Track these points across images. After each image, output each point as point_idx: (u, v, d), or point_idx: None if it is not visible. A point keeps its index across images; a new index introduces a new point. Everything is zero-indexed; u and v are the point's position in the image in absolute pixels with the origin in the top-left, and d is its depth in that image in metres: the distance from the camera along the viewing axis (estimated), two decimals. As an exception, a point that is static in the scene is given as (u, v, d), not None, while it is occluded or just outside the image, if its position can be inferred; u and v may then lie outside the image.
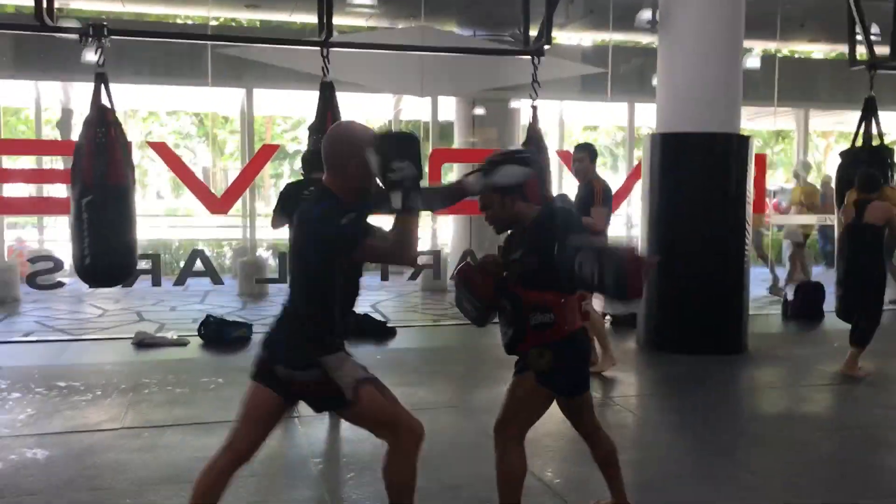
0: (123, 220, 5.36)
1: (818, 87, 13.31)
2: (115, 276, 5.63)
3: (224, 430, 4.64)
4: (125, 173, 5.34)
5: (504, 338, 3.07)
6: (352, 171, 2.68)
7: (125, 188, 5.36)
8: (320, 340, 2.79)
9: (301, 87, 10.47)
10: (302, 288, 2.80)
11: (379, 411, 2.91)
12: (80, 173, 5.26)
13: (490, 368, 6.34)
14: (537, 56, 6.23)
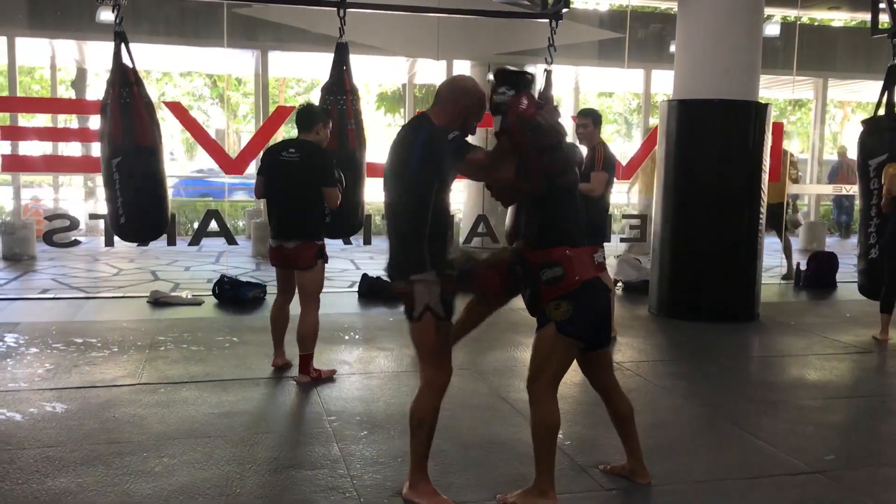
0: (153, 178, 5.47)
1: (837, 56, 13.12)
2: (149, 232, 5.83)
3: (239, 388, 4.76)
4: (152, 132, 5.39)
5: (525, 302, 3.24)
6: (458, 110, 3.13)
7: (154, 147, 5.44)
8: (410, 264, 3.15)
9: (316, 48, 10.43)
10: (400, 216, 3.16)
11: (425, 342, 3.21)
12: (108, 135, 5.32)
13: (501, 332, 6.38)
14: (555, 20, 6.17)
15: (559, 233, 3.15)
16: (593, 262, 3.17)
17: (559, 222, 3.16)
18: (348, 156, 5.62)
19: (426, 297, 3.12)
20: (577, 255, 3.12)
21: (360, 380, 5.06)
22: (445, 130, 3.09)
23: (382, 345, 5.92)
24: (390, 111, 21.13)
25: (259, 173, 5.09)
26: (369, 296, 7.67)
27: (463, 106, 3.15)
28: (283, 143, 5.02)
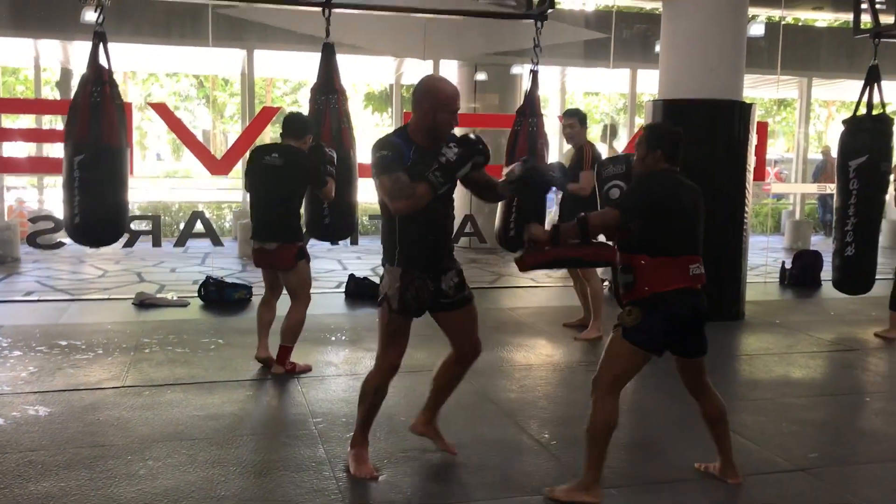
0: (115, 180, 5.29)
1: (821, 56, 13.21)
2: (104, 235, 5.50)
3: (224, 390, 4.74)
4: (119, 134, 5.27)
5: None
6: (424, 110, 3.26)
7: (118, 149, 5.28)
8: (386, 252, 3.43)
9: (302, 48, 10.41)
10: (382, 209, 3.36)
11: (380, 325, 3.48)
12: (74, 133, 5.19)
13: (488, 332, 6.37)
14: (540, 20, 6.16)
15: (634, 239, 3.21)
16: (685, 272, 3.19)
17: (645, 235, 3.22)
18: (340, 156, 5.60)
19: (386, 287, 3.39)
20: (655, 265, 3.15)
21: (346, 381, 5.05)
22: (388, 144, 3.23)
23: (369, 346, 5.90)
24: (378, 111, 21.11)
25: (245, 174, 5.23)
26: (356, 296, 7.66)
27: (427, 106, 3.26)
28: (268, 146, 5.13)
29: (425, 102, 3.26)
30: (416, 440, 3.98)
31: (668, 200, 3.23)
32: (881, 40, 6.80)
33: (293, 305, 5.05)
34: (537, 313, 7.21)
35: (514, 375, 5.25)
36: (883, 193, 6.67)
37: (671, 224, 3.19)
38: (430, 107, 3.25)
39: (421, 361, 5.45)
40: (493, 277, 9.40)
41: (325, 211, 5.59)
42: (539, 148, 6.17)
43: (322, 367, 5.27)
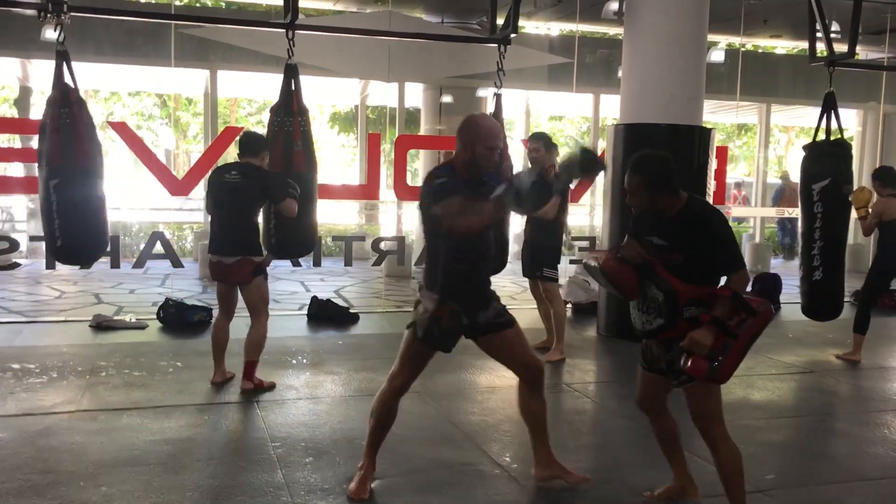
0: (92, 200, 5.30)
1: (780, 82, 13.50)
2: (87, 255, 5.61)
3: (182, 414, 4.66)
4: (92, 154, 5.24)
5: (646, 324, 3.18)
6: (463, 146, 3.36)
7: (93, 169, 5.26)
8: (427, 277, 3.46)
9: (266, 69, 10.39)
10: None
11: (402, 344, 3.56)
12: (47, 155, 5.17)
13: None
14: (503, 44, 6.22)
15: (706, 270, 3.11)
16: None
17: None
18: (296, 177, 5.57)
19: (419, 313, 3.43)
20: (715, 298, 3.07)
21: (306, 405, 4.99)
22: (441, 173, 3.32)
23: (331, 369, 5.86)
24: (344, 131, 21.10)
25: (206, 193, 5.30)
26: (319, 319, 7.59)
27: (467, 140, 3.36)
28: (227, 165, 5.31)
29: (465, 136, 3.37)
30: (379, 464, 3.93)
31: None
32: (835, 68, 6.96)
33: (254, 322, 5.16)
34: (501, 335, 7.20)
35: (476, 398, 5.23)
36: (847, 215, 6.78)
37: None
38: (469, 140, 3.35)
39: (383, 384, 5.43)
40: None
41: (282, 229, 5.56)
42: (503, 170, 6.19)
43: (282, 391, 5.20)
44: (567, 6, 10.82)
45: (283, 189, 5.05)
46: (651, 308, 3.13)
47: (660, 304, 3.09)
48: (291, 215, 5.11)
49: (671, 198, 3.14)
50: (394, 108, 12.07)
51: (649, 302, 3.13)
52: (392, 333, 7.39)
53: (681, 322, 3.06)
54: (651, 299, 3.12)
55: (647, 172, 3.14)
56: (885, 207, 6.43)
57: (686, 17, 6.95)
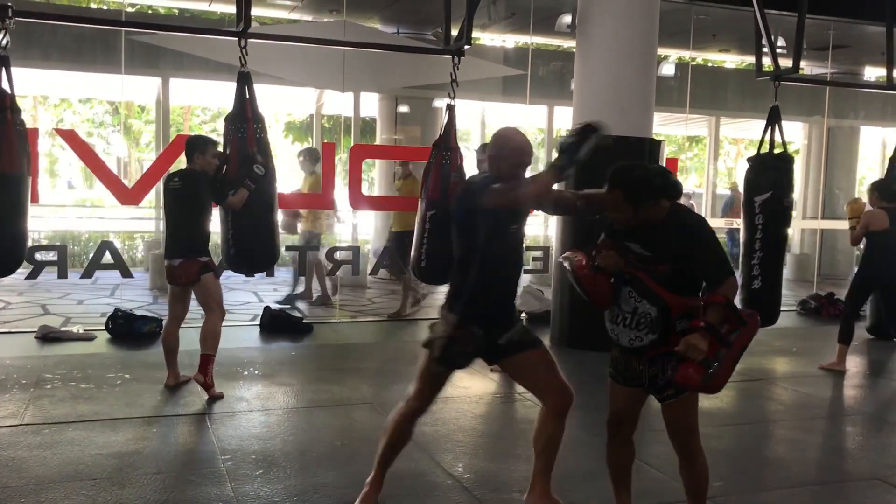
0: (13, 209, 5.08)
1: (728, 96, 13.79)
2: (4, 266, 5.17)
3: (130, 427, 4.58)
4: (19, 161, 5.07)
5: (634, 341, 3.00)
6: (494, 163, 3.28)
7: (18, 176, 5.08)
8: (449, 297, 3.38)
9: (220, 77, 10.28)
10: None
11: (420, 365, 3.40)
12: None
13: (406, 365, 6.35)
14: (457, 56, 6.24)
15: (695, 280, 3.03)
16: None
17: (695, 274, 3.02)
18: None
19: (436, 333, 3.30)
20: (700, 309, 2.99)
21: (257, 417, 4.94)
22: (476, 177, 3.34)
23: (283, 380, 5.81)
24: (298, 140, 20.97)
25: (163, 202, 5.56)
26: (272, 329, 7.52)
27: (492, 156, 3.28)
28: (173, 173, 5.60)
29: (494, 150, 3.29)
30: (330, 476, 3.93)
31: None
32: (780, 83, 7.13)
33: (207, 317, 5.29)
34: (455, 345, 7.21)
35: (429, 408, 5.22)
36: (786, 228, 6.95)
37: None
38: (494, 156, 3.27)
39: (337, 396, 5.41)
40: (413, 309, 9.37)
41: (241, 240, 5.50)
42: (452, 181, 6.22)
43: (233, 403, 5.15)
44: (521, 19, 10.92)
45: (221, 188, 5.12)
46: (641, 323, 2.96)
47: (652, 319, 2.93)
48: (234, 208, 5.10)
49: (655, 206, 2.97)
50: (349, 117, 12.04)
51: (639, 317, 2.96)
52: (346, 344, 7.36)
53: (673, 337, 2.92)
54: (642, 314, 2.95)
55: (627, 185, 2.98)
56: (872, 219, 6.63)
57: (637, 31, 7.07)
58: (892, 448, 4.83)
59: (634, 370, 3.09)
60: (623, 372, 3.14)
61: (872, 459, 4.55)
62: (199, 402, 5.13)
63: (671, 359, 2.91)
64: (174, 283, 5.34)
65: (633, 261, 2.98)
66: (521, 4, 10.39)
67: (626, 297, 2.98)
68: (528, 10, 10.31)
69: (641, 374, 3.07)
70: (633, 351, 3.03)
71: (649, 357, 3.01)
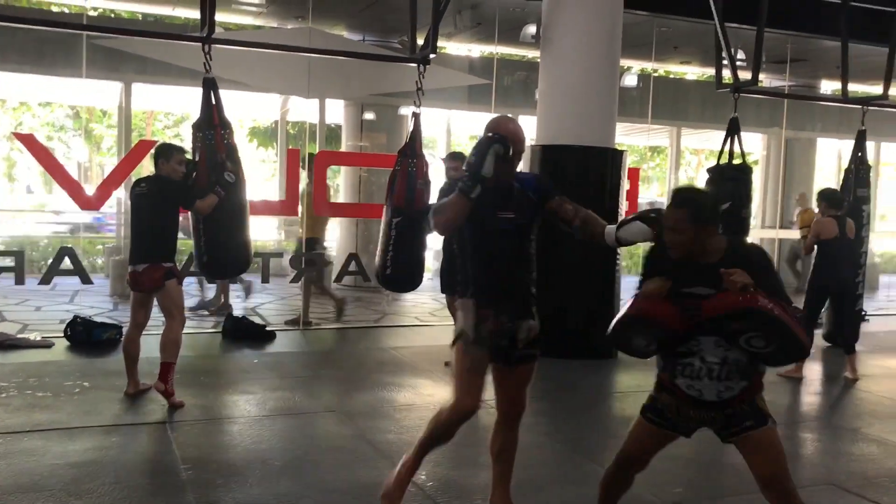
0: None
1: (689, 107, 14.00)
2: None
3: (88, 436, 4.51)
4: None
5: (723, 392, 2.80)
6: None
7: None
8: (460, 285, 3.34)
9: (184, 82, 10.19)
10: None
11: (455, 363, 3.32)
12: None
13: (369, 372, 6.36)
14: (422, 64, 6.27)
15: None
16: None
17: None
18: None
19: (461, 322, 3.26)
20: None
21: (219, 425, 4.90)
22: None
23: (245, 388, 5.76)
24: (263, 146, 20.85)
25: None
26: (234, 336, 7.45)
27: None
28: (140, 179, 5.52)
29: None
30: (292, 484, 3.90)
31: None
32: (740, 94, 7.27)
33: (168, 324, 5.24)
34: (420, 353, 7.22)
35: (393, 416, 5.23)
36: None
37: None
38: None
39: (300, 404, 5.38)
40: (378, 316, 9.38)
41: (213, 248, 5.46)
42: (418, 189, 6.24)
43: (194, 411, 5.09)
44: (486, 28, 10.99)
45: (189, 194, 5.10)
46: (733, 372, 2.75)
47: (745, 366, 2.75)
48: (202, 213, 5.11)
49: (714, 232, 2.81)
50: (314, 123, 12.00)
51: (730, 366, 2.75)
52: (310, 351, 7.33)
53: (756, 377, 2.80)
54: (733, 363, 2.74)
55: (694, 205, 2.79)
56: (821, 227, 6.76)
57: (600, 42, 7.16)
58: (846, 454, 4.93)
59: (700, 418, 2.90)
60: (675, 419, 2.95)
61: (828, 465, 4.64)
62: (160, 410, 5.07)
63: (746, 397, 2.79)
64: (137, 289, 5.28)
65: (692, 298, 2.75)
66: (487, 14, 10.47)
67: (713, 346, 2.75)
68: (493, 20, 10.39)
69: (713, 420, 2.87)
70: (722, 405, 2.80)
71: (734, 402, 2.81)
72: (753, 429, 2.81)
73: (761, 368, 2.80)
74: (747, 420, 2.81)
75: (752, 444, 2.82)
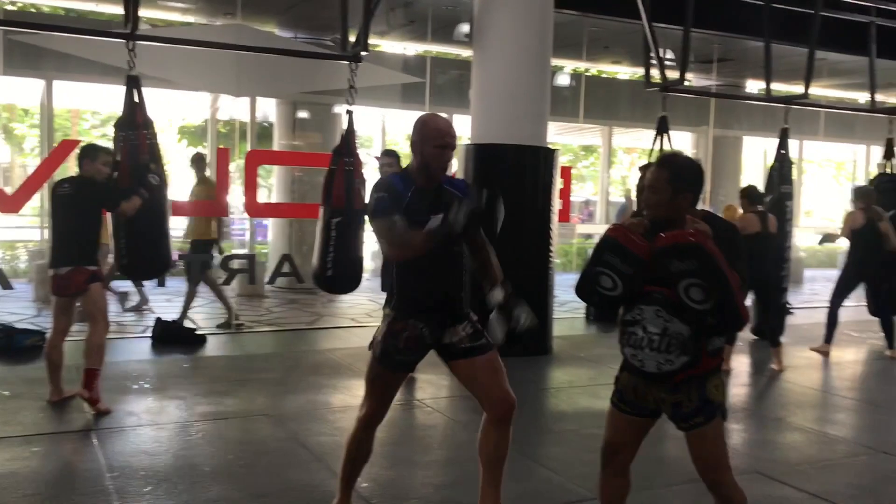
0: None
1: (621, 106, 14.24)
2: None
3: (8, 447, 4.34)
4: None
5: (663, 365, 2.76)
6: (414, 147, 3.16)
7: None
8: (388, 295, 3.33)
9: (110, 80, 9.90)
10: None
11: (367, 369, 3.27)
12: None
13: (302, 375, 6.28)
14: (354, 62, 6.23)
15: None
16: None
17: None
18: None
19: (377, 332, 3.24)
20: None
21: (147, 431, 4.76)
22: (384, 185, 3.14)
23: (175, 393, 5.62)
24: (193, 145, 20.44)
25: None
26: (164, 341, 7.27)
27: (416, 139, 3.17)
28: (62, 179, 5.31)
29: (415, 136, 3.17)
30: (223, 489, 3.82)
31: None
32: (668, 94, 7.42)
33: (92, 329, 5.08)
34: (356, 354, 7.14)
35: (328, 418, 5.17)
36: None
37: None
38: (418, 140, 3.14)
39: (232, 408, 5.28)
40: (312, 318, 9.27)
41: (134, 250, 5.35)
42: (356, 188, 6.20)
43: (121, 418, 4.94)
44: (420, 27, 10.99)
45: (113, 196, 5.03)
46: (672, 345, 2.73)
47: (685, 340, 2.73)
48: (126, 215, 5.06)
49: (689, 199, 2.82)
50: (245, 122, 11.81)
51: (669, 338, 2.73)
52: (242, 355, 7.20)
53: (705, 358, 2.77)
54: (673, 335, 2.73)
55: (677, 168, 2.83)
56: (744, 223, 6.90)
57: (531, 41, 7.21)
58: (771, 442, 5.07)
59: (653, 399, 2.87)
60: (634, 401, 2.92)
61: (754, 454, 4.76)
62: (85, 418, 4.91)
63: (695, 382, 2.77)
64: (60, 293, 5.11)
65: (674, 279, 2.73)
66: (420, 13, 10.46)
67: (654, 316, 2.76)
68: (426, 18, 10.39)
69: (663, 402, 2.85)
70: (659, 377, 2.80)
71: (675, 383, 2.79)
72: (703, 424, 2.81)
73: (709, 348, 2.76)
74: (697, 416, 2.81)
75: (699, 439, 2.84)
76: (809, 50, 7.94)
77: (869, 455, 4.77)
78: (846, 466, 4.59)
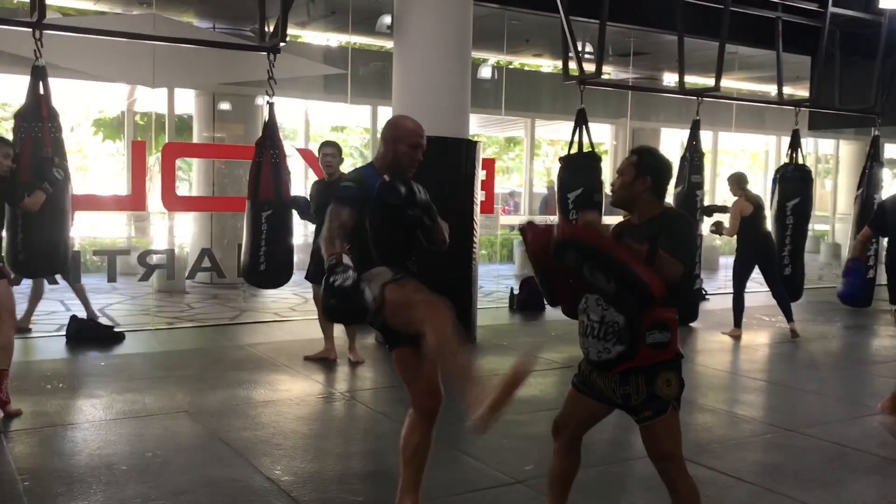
0: None
1: (542, 99, 14.42)
2: None
3: None
4: None
5: (602, 353, 2.84)
6: (383, 144, 3.35)
7: None
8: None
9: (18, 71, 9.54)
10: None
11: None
12: None
13: (223, 370, 6.20)
14: (272, 53, 6.17)
15: (674, 290, 2.82)
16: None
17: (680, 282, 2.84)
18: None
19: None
20: (676, 322, 2.86)
21: (60, 432, 4.64)
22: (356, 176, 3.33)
23: (91, 392, 5.49)
24: (110, 138, 19.84)
25: None
26: (79, 339, 7.07)
27: (388, 137, 3.33)
28: None
29: (387, 135, 3.33)
30: (139, 488, 3.77)
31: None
32: (586, 86, 7.57)
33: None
34: (279, 348, 7.10)
35: (249, 413, 5.12)
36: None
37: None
38: (390, 138, 3.31)
39: (150, 406, 5.18)
40: (234, 313, 9.14)
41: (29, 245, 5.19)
42: (284, 180, 6.16)
43: (33, 419, 4.80)
44: (340, 18, 10.90)
45: (14, 190, 4.86)
46: (609, 334, 2.80)
47: (620, 329, 2.78)
48: (30, 210, 4.92)
49: (650, 193, 2.92)
50: (163, 114, 11.53)
51: (606, 326, 2.80)
52: (162, 352, 7.05)
53: (643, 348, 2.77)
54: (609, 324, 2.79)
55: (643, 155, 2.99)
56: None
57: (451, 33, 7.25)
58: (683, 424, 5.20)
59: (605, 388, 2.91)
60: (591, 385, 2.97)
61: (668, 435, 4.93)
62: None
63: (642, 375, 2.81)
64: None
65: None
66: (340, 4, 10.39)
67: (595, 304, 2.84)
68: (346, 9, 10.32)
69: (614, 393, 2.88)
70: (601, 365, 2.86)
71: (619, 374, 2.83)
72: (652, 419, 2.84)
73: (649, 341, 2.77)
74: (645, 410, 2.84)
75: (648, 432, 2.89)
76: (720, 44, 8.19)
77: (775, 433, 5.00)
78: (753, 444, 4.80)
